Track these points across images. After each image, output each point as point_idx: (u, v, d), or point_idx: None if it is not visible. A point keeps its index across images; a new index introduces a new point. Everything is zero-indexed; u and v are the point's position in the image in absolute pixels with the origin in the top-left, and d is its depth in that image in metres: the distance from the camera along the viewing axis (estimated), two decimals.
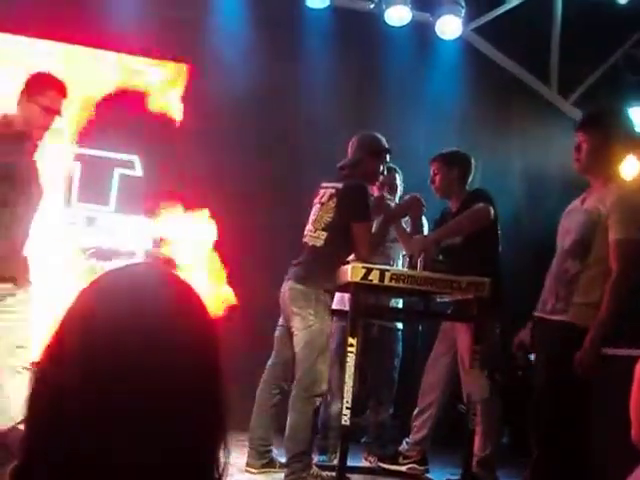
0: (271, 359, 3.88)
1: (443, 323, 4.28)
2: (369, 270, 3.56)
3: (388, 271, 3.63)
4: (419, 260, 3.82)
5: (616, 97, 5.95)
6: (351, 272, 3.55)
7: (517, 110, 6.29)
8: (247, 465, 3.80)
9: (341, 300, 4.21)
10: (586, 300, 3.02)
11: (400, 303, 4.57)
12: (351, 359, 3.53)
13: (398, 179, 4.64)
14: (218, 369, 0.86)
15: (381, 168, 3.98)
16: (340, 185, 3.82)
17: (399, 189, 4.65)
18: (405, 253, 4.10)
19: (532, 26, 6.14)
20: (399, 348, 4.61)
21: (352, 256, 3.83)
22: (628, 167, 5.38)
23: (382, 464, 4.25)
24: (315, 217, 3.86)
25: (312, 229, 3.85)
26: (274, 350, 3.88)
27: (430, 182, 4.25)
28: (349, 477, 3.67)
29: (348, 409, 3.50)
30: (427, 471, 4.21)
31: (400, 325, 4.63)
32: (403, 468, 4.16)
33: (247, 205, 5.51)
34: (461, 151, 4.31)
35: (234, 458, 3.72)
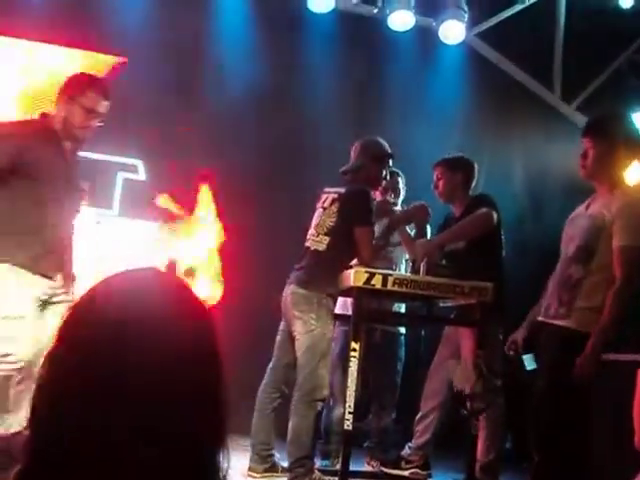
0: (272, 363, 3.88)
1: (446, 328, 4.27)
2: (372, 275, 3.56)
3: (391, 276, 3.62)
4: (422, 265, 3.82)
5: (619, 102, 5.95)
6: (354, 276, 3.55)
7: (520, 115, 6.28)
8: (249, 469, 3.79)
9: (344, 305, 4.21)
10: (588, 305, 3.00)
11: (403, 308, 4.57)
12: (354, 364, 3.52)
13: (401, 183, 4.65)
14: (218, 371, 0.87)
15: (384, 173, 3.99)
16: (343, 190, 3.83)
17: (402, 193, 4.66)
18: (408, 257, 4.10)
19: (535, 31, 6.14)
20: (402, 353, 4.60)
21: (355, 261, 3.83)
22: (634, 173, 5.39)
23: (384, 469, 4.24)
24: (318, 222, 3.86)
25: (315, 233, 3.85)
26: (275, 354, 3.88)
27: (433, 187, 4.25)
28: None
29: (350, 414, 3.50)
30: (430, 476, 4.19)
31: (403, 330, 4.62)
32: (405, 473, 4.14)
33: (249, 208, 5.51)
34: (465, 156, 4.31)
35: (236, 462, 3.72)
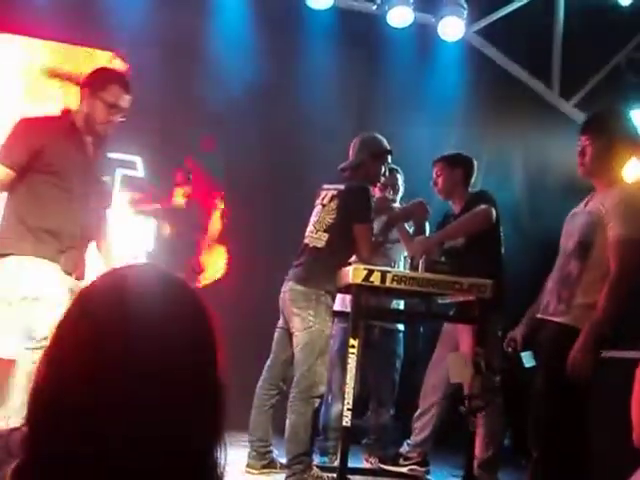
0: (269, 360, 3.88)
1: (445, 325, 4.27)
2: (370, 271, 3.56)
3: (389, 272, 3.62)
4: (420, 261, 3.82)
5: (618, 99, 5.94)
6: (352, 273, 3.55)
7: (519, 112, 6.27)
8: (247, 466, 3.80)
9: (342, 302, 4.21)
10: (587, 302, 2.98)
11: (401, 305, 4.57)
12: (352, 360, 3.52)
13: (400, 180, 4.65)
14: (216, 367, 0.86)
15: (382, 169, 3.99)
16: (342, 187, 3.83)
17: (400, 190, 4.65)
18: (407, 254, 4.10)
19: (534, 28, 6.13)
20: (400, 350, 4.61)
21: (354, 257, 3.83)
22: (631, 170, 5.39)
23: (383, 465, 4.24)
24: (317, 218, 3.85)
25: (313, 230, 3.84)
26: (273, 351, 3.88)
27: (433, 184, 4.25)
28: (350, 478, 3.66)
29: (349, 410, 3.50)
30: (428, 472, 4.20)
31: (401, 327, 4.63)
32: (404, 469, 4.15)
33: (247, 205, 5.51)
34: (464, 153, 4.31)
35: (234, 459, 3.72)
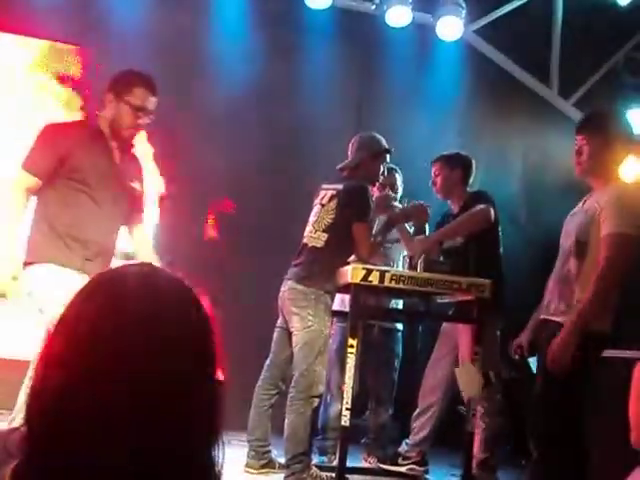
0: (269, 359, 3.88)
1: (444, 325, 4.27)
2: (369, 271, 3.56)
3: (388, 272, 3.62)
4: (420, 261, 3.82)
5: (616, 99, 5.95)
6: (351, 273, 3.55)
7: (518, 111, 6.28)
8: (246, 465, 3.80)
9: (341, 301, 4.21)
10: None
11: (400, 304, 4.57)
12: (351, 360, 3.52)
13: (398, 180, 4.64)
14: (214, 368, 0.86)
15: (381, 169, 3.99)
16: (341, 186, 3.83)
17: (399, 190, 4.65)
18: (406, 254, 4.10)
19: (533, 27, 6.13)
20: (399, 349, 4.61)
21: (353, 257, 3.83)
22: (629, 168, 5.39)
23: (382, 465, 4.25)
24: (316, 218, 3.85)
25: (312, 230, 3.84)
26: (272, 350, 3.88)
27: (431, 183, 4.26)
28: (349, 478, 3.66)
29: (348, 410, 3.50)
30: (427, 472, 4.21)
31: (400, 326, 4.63)
32: (403, 469, 4.15)
33: (246, 204, 5.50)
34: (462, 153, 4.32)
35: (233, 459, 3.72)
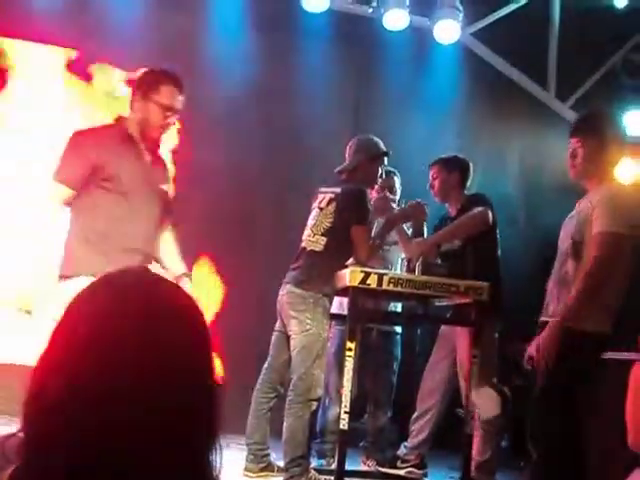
0: (267, 362, 3.87)
1: (442, 327, 4.27)
2: (367, 274, 3.55)
3: (386, 275, 3.62)
4: (417, 264, 3.82)
5: (614, 101, 5.96)
6: (349, 276, 3.54)
7: (515, 114, 6.29)
8: (245, 469, 3.79)
9: (340, 304, 4.21)
10: None
11: (399, 307, 4.57)
12: (349, 363, 3.51)
13: (397, 183, 4.64)
14: (211, 369, 0.86)
15: (379, 171, 3.99)
16: (339, 190, 3.82)
17: (398, 193, 4.65)
18: (404, 257, 4.10)
19: (530, 30, 6.14)
20: (398, 352, 4.61)
21: (351, 260, 3.83)
22: (626, 170, 5.40)
23: (380, 468, 4.24)
24: (314, 222, 3.85)
25: (311, 234, 3.84)
26: (270, 353, 3.87)
27: (429, 186, 4.26)
28: None
29: (346, 413, 3.49)
30: (426, 475, 4.20)
31: (399, 329, 4.63)
32: (402, 472, 4.14)
33: (244, 206, 5.50)
34: (460, 156, 4.32)
35: (232, 462, 3.71)
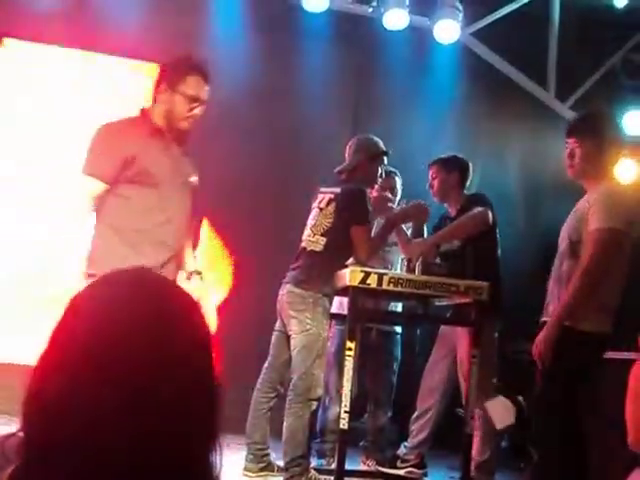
0: (267, 362, 3.87)
1: (442, 327, 4.27)
2: (367, 274, 3.55)
3: (386, 275, 3.62)
4: (417, 264, 3.82)
5: (613, 101, 5.96)
6: (349, 276, 3.54)
7: (515, 113, 6.29)
8: (245, 469, 3.79)
9: (340, 304, 4.21)
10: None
11: (400, 307, 4.57)
12: (349, 363, 3.52)
13: (398, 183, 4.64)
14: (211, 369, 0.86)
15: (379, 171, 3.98)
16: (338, 190, 3.82)
17: (399, 193, 4.65)
18: (404, 257, 4.10)
19: (530, 30, 6.14)
20: (398, 352, 4.61)
21: (351, 260, 3.83)
22: (624, 170, 5.40)
23: (380, 468, 4.24)
24: (314, 222, 3.85)
25: (311, 234, 3.84)
26: (270, 353, 3.87)
27: (428, 186, 4.26)
28: None
29: (346, 413, 3.49)
30: (425, 475, 4.20)
31: (399, 329, 4.63)
32: (401, 472, 4.14)
33: (244, 207, 5.50)
34: (459, 155, 4.32)
35: (232, 462, 3.71)
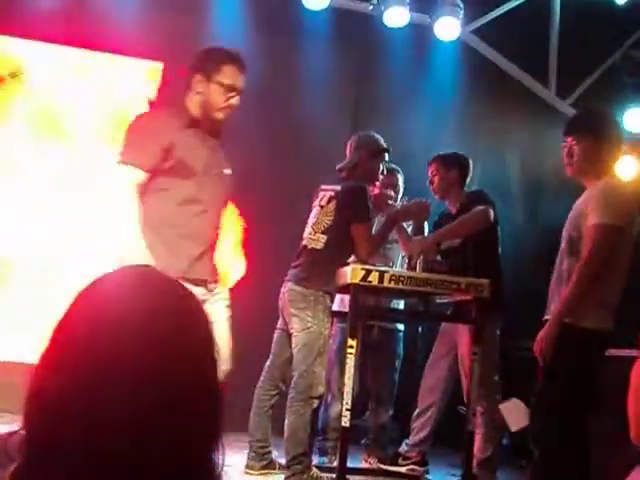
0: (269, 360, 3.88)
1: (443, 325, 4.27)
2: (368, 271, 3.56)
3: (387, 272, 3.62)
4: (418, 261, 3.82)
5: (614, 98, 5.95)
6: (350, 273, 3.55)
7: (515, 111, 6.28)
8: (247, 467, 3.79)
9: (341, 302, 4.21)
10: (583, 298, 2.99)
11: (401, 304, 4.57)
12: (351, 360, 3.52)
13: (400, 180, 4.64)
14: (213, 368, 0.86)
15: (380, 168, 3.98)
16: (339, 187, 3.82)
17: (401, 190, 4.65)
18: (404, 254, 4.10)
19: (530, 27, 6.13)
20: (400, 349, 4.60)
21: (352, 257, 3.83)
22: (625, 167, 5.39)
23: (382, 465, 4.24)
24: (315, 220, 3.85)
25: (312, 232, 3.84)
26: (272, 351, 3.88)
27: (429, 183, 4.26)
28: (349, 478, 3.66)
29: (348, 410, 3.50)
30: (427, 472, 4.20)
31: (400, 326, 4.62)
32: (403, 469, 4.15)
33: (245, 206, 5.49)
34: (459, 152, 4.32)
35: (234, 460, 3.72)
